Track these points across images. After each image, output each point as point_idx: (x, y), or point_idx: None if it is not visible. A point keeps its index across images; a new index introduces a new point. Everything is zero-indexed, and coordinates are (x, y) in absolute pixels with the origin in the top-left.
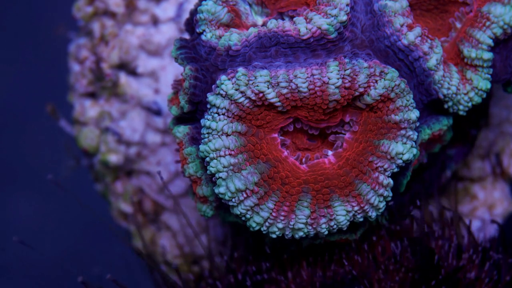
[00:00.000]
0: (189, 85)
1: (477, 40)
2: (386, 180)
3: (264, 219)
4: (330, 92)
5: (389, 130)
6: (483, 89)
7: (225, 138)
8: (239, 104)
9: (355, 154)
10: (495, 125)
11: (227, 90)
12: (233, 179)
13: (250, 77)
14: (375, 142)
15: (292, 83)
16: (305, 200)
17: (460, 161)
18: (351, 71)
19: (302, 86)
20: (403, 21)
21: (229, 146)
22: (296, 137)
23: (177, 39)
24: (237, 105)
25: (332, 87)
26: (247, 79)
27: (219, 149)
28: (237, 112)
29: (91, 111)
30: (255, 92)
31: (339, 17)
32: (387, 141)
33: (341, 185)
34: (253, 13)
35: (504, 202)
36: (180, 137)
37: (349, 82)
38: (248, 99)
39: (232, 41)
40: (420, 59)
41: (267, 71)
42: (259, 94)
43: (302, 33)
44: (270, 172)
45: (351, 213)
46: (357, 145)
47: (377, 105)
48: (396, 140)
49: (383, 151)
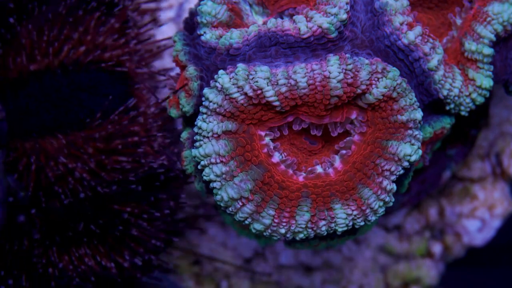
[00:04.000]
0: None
1: (478, 34)
2: (390, 186)
3: (265, 226)
4: (332, 87)
5: (397, 130)
6: (487, 87)
7: (215, 143)
8: (233, 100)
9: (362, 157)
10: (495, 125)
11: (223, 83)
12: (226, 189)
13: (251, 72)
14: (383, 143)
15: (291, 79)
16: (305, 205)
17: (460, 161)
18: (353, 66)
19: (301, 81)
20: (402, 19)
21: (219, 152)
22: (295, 139)
23: (179, 32)
24: (231, 101)
25: (334, 81)
26: (246, 74)
27: (210, 155)
28: (230, 108)
29: None
30: (253, 88)
31: (339, 16)
32: (396, 142)
33: (343, 190)
34: (254, 13)
35: (504, 202)
36: (182, 141)
37: (351, 78)
38: (244, 95)
39: (233, 39)
40: (421, 60)
41: (267, 67)
42: (257, 91)
43: (303, 32)
44: (264, 177)
45: (351, 216)
46: (365, 146)
47: (379, 104)
48: (404, 140)
49: (391, 153)
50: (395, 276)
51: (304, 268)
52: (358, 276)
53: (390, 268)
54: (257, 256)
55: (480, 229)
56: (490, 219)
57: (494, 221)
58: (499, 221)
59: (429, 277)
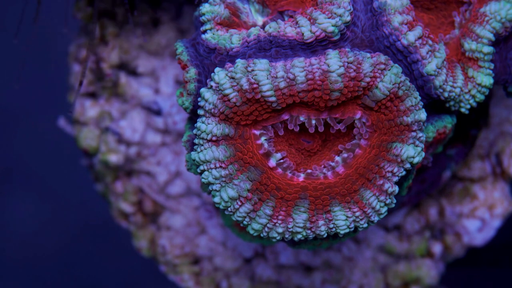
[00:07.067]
0: (194, 87)
1: (477, 35)
2: (392, 188)
3: (262, 225)
4: (332, 80)
5: (401, 132)
6: (487, 85)
7: (215, 149)
8: (225, 98)
9: (366, 161)
10: (495, 125)
11: (219, 80)
12: (226, 189)
13: (250, 64)
14: (388, 146)
15: (290, 73)
16: (303, 205)
17: (460, 161)
18: (354, 59)
19: (299, 75)
20: (402, 19)
21: (219, 158)
22: (293, 139)
23: (179, 40)
24: (223, 100)
25: (334, 74)
26: (245, 66)
27: (209, 161)
28: (223, 109)
29: (91, 111)
30: (251, 81)
31: (343, 17)
32: (400, 144)
33: (344, 193)
34: (253, 11)
35: (504, 202)
36: (183, 144)
37: (354, 71)
38: (238, 91)
39: (233, 43)
40: (418, 63)
41: (267, 60)
42: (253, 84)
43: (306, 37)
44: (262, 178)
45: (351, 218)
46: (370, 150)
47: (386, 103)
48: (408, 142)
49: (395, 154)
50: (395, 276)
51: (304, 268)
52: (358, 276)
53: (390, 268)
54: (257, 256)
55: (480, 229)
56: (490, 219)
57: (494, 221)
58: (499, 221)
59: (429, 277)
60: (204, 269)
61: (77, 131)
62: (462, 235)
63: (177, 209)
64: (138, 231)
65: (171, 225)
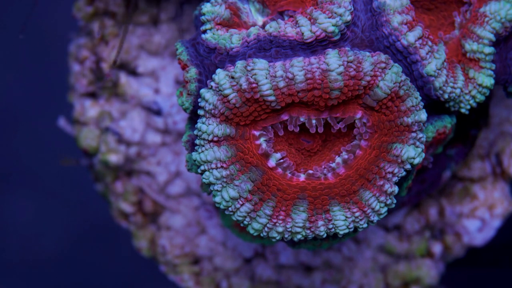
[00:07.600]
0: (194, 88)
1: (478, 35)
2: (391, 188)
3: (262, 225)
4: (332, 79)
5: (402, 133)
6: (488, 86)
7: (217, 150)
8: (224, 99)
9: (367, 162)
10: (495, 125)
11: (219, 80)
12: (227, 189)
13: (249, 63)
14: (388, 146)
15: (289, 72)
16: (302, 205)
17: (460, 161)
18: (354, 58)
19: (298, 74)
20: (401, 19)
21: (220, 158)
22: (293, 139)
23: (179, 40)
24: (223, 101)
25: (334, 73)
26: (244, 65)
27: (211, 161)
28: (223, 110)
29: (91, 111)
30: (250, 80)
31: (344, 17)
32: (400, 145)
33: (343, 193)
34: (254, 11)
35: (504, 202)
36: (183, 144)
37: (354, 70)
38: (237, 92)
39: (233, 43)
40: (418, 63)
41: (266, 61)
42: (252, 84)
43: (306, 37)
44: (263, 178)
45: (351, 218)
46: (370, 151)
47: (387, 103)
48: (408, 143)
49: (395, 155)
50: (395, 276)
51: (304, 268)
52: (358, 276)
53: (390, 268)
54: (257, 256)
55: (480, 229)
56: (490, 219)
57: (494, 221)
58: (499, 221)
59: (429, 277)
60: (204, 269)
61: (77, 131)
62: (462, 235)
63: (177, 209)
64: (138, 231)
65: (171, 225)
